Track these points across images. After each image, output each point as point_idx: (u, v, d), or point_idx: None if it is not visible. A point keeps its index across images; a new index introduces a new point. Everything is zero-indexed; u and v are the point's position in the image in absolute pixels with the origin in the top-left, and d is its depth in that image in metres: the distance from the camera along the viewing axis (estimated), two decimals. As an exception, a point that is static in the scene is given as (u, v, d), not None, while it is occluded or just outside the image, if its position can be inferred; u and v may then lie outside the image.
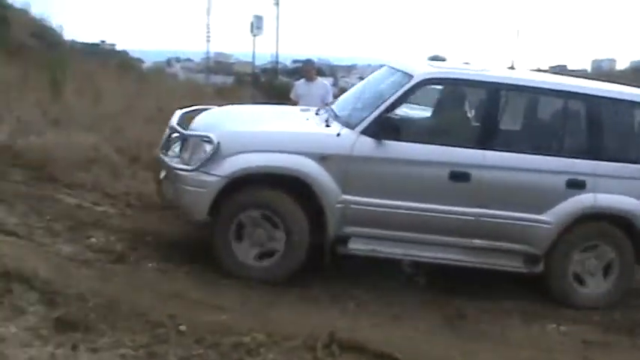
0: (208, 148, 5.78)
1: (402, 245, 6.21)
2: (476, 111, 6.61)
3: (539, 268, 6.27)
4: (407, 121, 6.44)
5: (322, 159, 5.88)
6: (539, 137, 6.58)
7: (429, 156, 6.05)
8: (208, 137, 5.86)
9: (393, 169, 6.03)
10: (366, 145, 5.95)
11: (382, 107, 6.09)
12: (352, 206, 5.99)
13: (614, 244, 6.28)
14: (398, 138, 6.02)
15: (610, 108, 6.46)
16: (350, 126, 6.06)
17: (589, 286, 6.33)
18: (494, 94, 6.31)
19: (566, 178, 6.15)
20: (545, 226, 6.13)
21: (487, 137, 6.23)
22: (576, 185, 6.15)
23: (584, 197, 6.15)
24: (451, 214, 6.07)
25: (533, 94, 6.61)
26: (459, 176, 6.03)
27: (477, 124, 6.47)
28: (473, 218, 6.09)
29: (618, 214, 6.22)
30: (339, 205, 5.95)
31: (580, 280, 6.33)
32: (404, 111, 6.44)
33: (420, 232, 6.16)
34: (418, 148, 6.07)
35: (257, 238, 5.80)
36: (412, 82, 6.19)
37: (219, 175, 5.76)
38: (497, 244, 6.21)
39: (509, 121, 6.65)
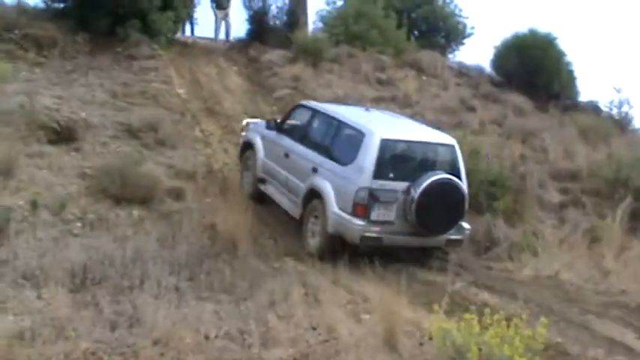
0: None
1: (277, 192, 13.34)
2: (306, 122, 13.28)
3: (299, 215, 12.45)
4: (285, 125, 13.64)
5: (262, 137, 14.00)
6: (315, 139, 12.82)
7: (281, 143, 13.38)
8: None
9: (275, 147, 13.51)
10: (273, 134, 13.69)
11: (280, 119, 14.07)
12: (264, 162, 13.71)
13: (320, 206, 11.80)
14: (282, 134, 13.46)
15: (342, 128, 12.27)
16: None
17: (316, 233, 11.89)
18: (312, 113, 13.25)
19: (312, 165, 12.24)
20: (303, 190, 12.26)
21: (301, 136, 13.08)
22: (315, 170, 12.13)
23: (314, 178, 12.05)
24: (283, 176, 13.07)
25: (322, 115, 13.01)
26: (286, 155, 13.12)
27: (303, 129, 13.21)
28: (285, 179, 13.01)
29: (318, 191, 11.85)
30: (260, 161, 13.81)
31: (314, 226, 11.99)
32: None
33: (281, 185, 13.16)
34: (282, 138, 13.44)
35: None
36: (292, 107, 14.36)
37: (242, 140, 14.91)
38: (295, 198, 12.62)
39: (312, 129, 13.07)
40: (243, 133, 15.18)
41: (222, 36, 25.08)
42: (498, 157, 16.33)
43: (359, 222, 11.18)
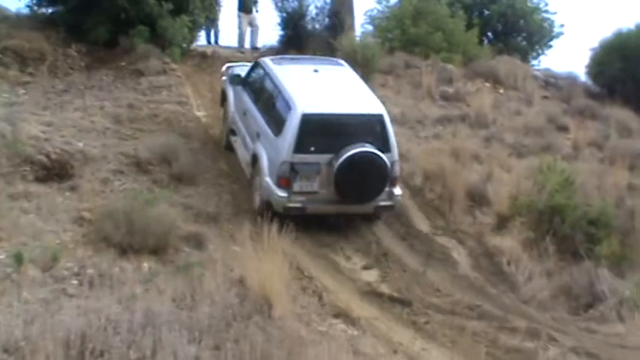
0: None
1: (239, 147, 16.79)
2: (259, 83, 16.71)
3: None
4: (247, 80, 17.28)
5: (234, 89, 17.84)
6: (262, 102, 15.96)
7: (243, 99, 16.94)
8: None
9: (239, 103, 17.19)
10: (239, 88, 17.43)
11: (244, 75, 17.63)
12: (234, 115, 17.46)
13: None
14: (245, 90, 17.06)
15: (279, 96, 15.30)
16: None
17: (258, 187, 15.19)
18: (264, 74, 16.44)
19: (257, 130, 15.53)
20: (252, 151, 15.61)
21: (255, 97, 16.37)
22: (258, 136, 15.42)
23: (256, 143, 15.34)
24: (242, 134, 16.62)
25: (269, 77, 16.12)
26: (244, 113, 16.65)
27: (257, 89, 16.58)
28: (244, 137, 16.42)
29: (255, 154, 15.28)
30: (231, 113, 17.64)
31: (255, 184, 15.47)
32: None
33: (243, 139, 16.55)
34: (244, 94, 16.98)
35: None
36: (251, 65, 18.06)
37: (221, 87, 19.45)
38: (248, 158, 15.92)
39: (262, 91, 16.30)
40: (224, 78, 18.89)
41: (247, 44, 25.31)
42: (599, 188, 16.18)
43: (282, 193, 14.28)
